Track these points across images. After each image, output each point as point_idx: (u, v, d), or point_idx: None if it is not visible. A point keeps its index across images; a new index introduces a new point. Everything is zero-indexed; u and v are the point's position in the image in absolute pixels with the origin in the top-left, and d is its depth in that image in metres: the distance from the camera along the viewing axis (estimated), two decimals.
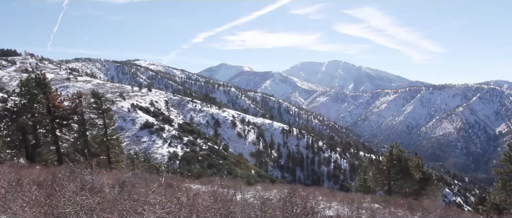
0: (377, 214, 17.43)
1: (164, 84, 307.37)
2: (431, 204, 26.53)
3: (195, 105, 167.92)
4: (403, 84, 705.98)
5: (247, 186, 26.46)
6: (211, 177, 42.85)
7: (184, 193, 8.78)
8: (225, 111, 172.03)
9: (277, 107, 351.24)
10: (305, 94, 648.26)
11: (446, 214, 20.97)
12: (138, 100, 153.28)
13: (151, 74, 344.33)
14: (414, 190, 39.33)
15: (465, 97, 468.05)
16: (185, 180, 19.38)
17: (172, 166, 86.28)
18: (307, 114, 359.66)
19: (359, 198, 24.39)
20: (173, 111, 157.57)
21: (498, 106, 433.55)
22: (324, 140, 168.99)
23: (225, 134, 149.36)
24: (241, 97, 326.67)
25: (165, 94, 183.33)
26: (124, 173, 14.58)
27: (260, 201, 9.00)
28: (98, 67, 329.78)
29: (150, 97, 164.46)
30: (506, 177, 34.26)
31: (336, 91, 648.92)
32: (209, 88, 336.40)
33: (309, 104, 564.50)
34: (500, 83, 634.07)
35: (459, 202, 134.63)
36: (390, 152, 40.59)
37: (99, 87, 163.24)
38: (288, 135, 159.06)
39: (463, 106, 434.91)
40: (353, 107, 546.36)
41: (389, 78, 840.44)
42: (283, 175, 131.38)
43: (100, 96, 34.53)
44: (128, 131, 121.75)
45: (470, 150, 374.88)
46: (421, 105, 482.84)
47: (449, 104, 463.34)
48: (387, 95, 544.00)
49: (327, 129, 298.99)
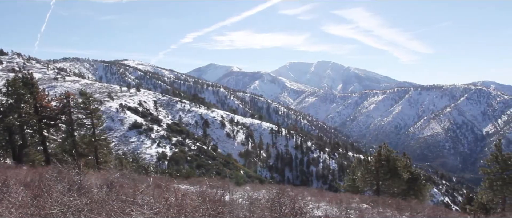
0: (365, 214, 17.49)
1: (152, 85, 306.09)
2: (419, 204, 26.72)
3: (184, 105, 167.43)
4: (392, 84, 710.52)
5: (236, 187, 26.44)
6: (200, 178, 42.74)
7: (172, 194, 8.74)
8: (214, 111, 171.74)
9: (266, 108, 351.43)
10: (294, 94, 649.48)
11: (434, 214, 21.10)
12: (126, 101, 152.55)
13: (139, 74, 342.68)
14: (402, 190, 39.53)
15: (452, 98, 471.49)
16: (173, 180, 19.29)
17: (161, 167, 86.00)
18: (296, 114, 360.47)
19: (347, 198, 24.47)
20: (161, 111, 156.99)
21: (485, 107, 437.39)
22: (313, 140, 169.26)
23: (214, 134, 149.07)
24: (230, 97, 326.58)
25: (154, 94, 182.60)
26: (112, 174, 14.47)
27: (249, 201, 8.99)
28: (86, 67, 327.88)
29: (139, 97, 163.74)
30: (493, 177, 34.57)
31: (325, 92, 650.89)
32: (198, 89, 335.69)
33: (298, 105, 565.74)
34: (487, 84, 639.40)
35: (447, 202, 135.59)
36: (378, 152, 40.75)
37: (87, 87, 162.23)
38: (277, 135, 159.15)
39: (451, 107, 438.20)
40: (341, 107, 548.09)
41: (377, 79, 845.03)
42: (272, 175, 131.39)
43: (88, 96, 34.32)
44: (116, 131, 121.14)
45: (457, 150, 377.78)
46: (409, 105, 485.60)
47: (437, 105, 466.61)
48: (375, 95, 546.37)
49: (316, 129, 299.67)
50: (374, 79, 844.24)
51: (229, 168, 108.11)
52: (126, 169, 18.00)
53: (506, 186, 33.53)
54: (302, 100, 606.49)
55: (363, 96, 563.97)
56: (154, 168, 64.21)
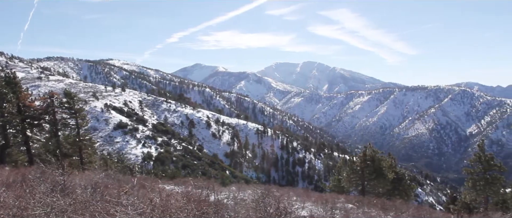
0: (350, 214, 17.55)
1: (138, 84, 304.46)
2: (404, 204, 26.87)
3: (170, 105, 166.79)
4: (377, 85, 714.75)
5: (222, 187, 26.39)
6: (186, 178, 42.63)
7: (157, 194, 8.69)
8: (200, 111, 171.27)
9: (252, 108, 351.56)
10: (280, 95, 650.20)
11: (418, 214, 21.23)
12: (111, 100, 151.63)
13: (125, 74, 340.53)
14: (387, 190, 39.79)
15: (437, 98, 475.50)
16: (157, 180, 19.21)
17: (146, 167, 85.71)
18: (282, 114, 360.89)
19: (333, 198, 24.53)
20: (147, 111, 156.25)
21: (468, 108, 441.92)
22: (298, 141, 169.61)
23: (200, 134, 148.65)
24: (215, 97, 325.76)
25: (139, 94, 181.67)
26: (97, 174, 14.38)
27: (234, 201, 8.97)
28: (71, 67, 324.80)
29: (124, 97, 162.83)
30: (476, 177, 35.00)
31: (310, 92, 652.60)
32: (183, 89, 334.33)
33: (283, 105, 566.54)
34: (470, 85, 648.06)
35: (431, 202, 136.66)
36: (363, 152, 40.96)
37: (71, 86, 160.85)
38: (263, 135, 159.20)
39: (435, 108, 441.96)
40: (327, 108, 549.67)
41: (363, 80, 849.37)
42: (258, 176, 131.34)
43: (72, 96, 34.02)
44: (101, 131, 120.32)
45: (441, 150, 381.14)
46: (394, 106, 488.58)
47: (422, 106, 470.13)
48: (361, 96, 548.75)
49: (301, 130, 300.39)
50: (359, 80, 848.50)
51: (215, 168, 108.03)
52: (111, 170, 17.90)
53: (488, 186, 33.96)
54: (288, 101, 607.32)
55: (348, 97, 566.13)
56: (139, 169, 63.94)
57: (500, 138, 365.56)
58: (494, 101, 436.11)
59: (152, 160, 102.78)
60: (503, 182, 34.92)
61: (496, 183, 34.17)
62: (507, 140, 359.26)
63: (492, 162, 34.64)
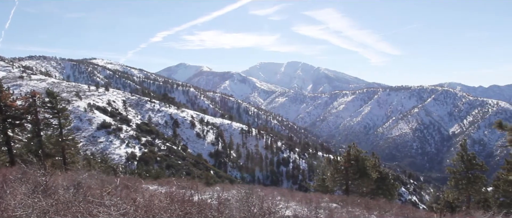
0: (335, 213, 17.59)
1: (121, 84, 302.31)
2: (388, 203, 27.01)
3: (154, 105, 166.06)
4: (361, 85, 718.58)
5: (206, 187, 26.30)
6: (170, 178, 42.44)
7: (140, 194, 8.62)
8: (184, 111, 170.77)
9: (236, 108, 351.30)
10: (264, 94, 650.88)
11: (401, 213, 21.35)
12: (95, 100, 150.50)
13: (108, 73, 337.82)
14: (371, 189, 39.99)
15: (420, 98, 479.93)
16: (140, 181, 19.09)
17: (130, 167, 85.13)
18: (266, 114, 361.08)
19: (317, 197, 24.57)
20: (131, 111, 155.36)
21: (451, 108, 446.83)
22: (283, 140, 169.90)
23: (184, 134, 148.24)
24: (200, 97, 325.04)
25: (123, 94, 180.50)
26: (80, 174, 14.22)
27: (218, 201, 8.93)
28: (53, 66, 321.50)
29: (108, 97, 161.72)
30: (458, 176, 35.37)
31: (295, 92, 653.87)
32: (167, 88, 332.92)
33: (268, 105, 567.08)
34: (453, 85, 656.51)
35: (414, 201, 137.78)
36: (347, 152, 41.10)
37: (54, 86, 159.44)
38: (247, 135, 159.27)
39: (418, 108, 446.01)
40: (311, 108, 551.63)
41: (347, 80, 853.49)
42: (242, 175, 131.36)
43: (55, 96, 33.65)
44: (84, 131, 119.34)
45: (425, 150, 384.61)
46: (378, 106, 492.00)
47: (405, 106, 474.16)
48: (345, 96, 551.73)
49: (286, 129, 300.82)
50: (343, 80, 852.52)
51: (199, 168, 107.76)
52: (94, 170, 17.73)
53: (471, 185, 34.33)
54: (272, 101, 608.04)
55: (333, 96, 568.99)
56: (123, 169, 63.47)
57: (482, 138, 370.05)
58: (476, 102, 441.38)
59: (136, 160, 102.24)
60: (485, 181, 35.32)
61: (478, 182, 34.56)
62: (489, 139, 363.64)
63: (474, 161, 35.03)
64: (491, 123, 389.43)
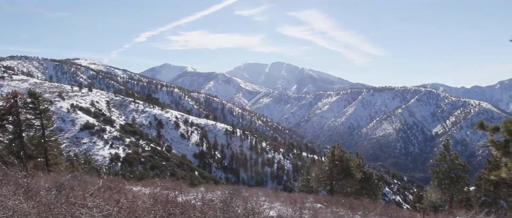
0: (319, 213, 17.64)
1: (105, 84, 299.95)
2: (372, 203, 27.18)
3: (138, 106, 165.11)
4: (345, 86, 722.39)
5: (190, 188, 26.22)
6: (154, 179, 42.25)
7: (123, 195, 8.55)
8: (168, 111, 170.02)
9: (221, 108, 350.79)
10: (249, 95, 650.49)
11: (385, 213, 21.50)
12: (78, 101, 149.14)
13: (92, 74, 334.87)
14: (355, 189, 40.22)
15: (404, 99, 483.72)
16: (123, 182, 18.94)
17: (114, 168, 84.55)
18: (251, 115, 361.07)
19: (302, 198, 24.63)
20: (114, 112, 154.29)
21: (434, 108, 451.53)
22: (267, 141, 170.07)
23: (168, 135, 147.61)
24: (184, 98, 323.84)
25: (107, 94, 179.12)
26: (62, 176, 14.06)
27: (202, 202, 8.89)
28: (36, 66, 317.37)
29: (91, 97, 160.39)
30: (441, 176, 35.76)
31: (279, 93, 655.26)
32: (152, 89, 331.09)
33: (252, 106, 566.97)
34: (436, 86, 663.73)
35: (398, 201, 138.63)
36: (332, 152, 41.30)
37: (36, 86, 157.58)
38: (232, 136, 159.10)
39: (402, 108, 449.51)
40: (296, 108, 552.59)
41: (331, 80, 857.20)
42: (227, 176, 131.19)
43: (37, 96, 33.27)
44: (67, 132, 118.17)
45: (408, 150, 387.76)
46: (362, 106, 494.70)
47: (389, 106, 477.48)
48: (329, 96, 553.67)
49: (270, 130, 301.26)
50: (328, 80, 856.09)
51: (184, 169, 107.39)
52: (78, 171, 17.57)
53: (453, 184, 34.73)
54: (256, 101, 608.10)
55: (317, 97, 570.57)
56: (107, 170, 63.05)
57: (464, 138, 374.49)
58: (459, 102, 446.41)
59: (120, 161, 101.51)
60: (467, 181, 35.78)
61: (461, 182, 34.98)
62: (471, 139, 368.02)
63: (456, 161, 35.45)
64: (473, 123, 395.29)
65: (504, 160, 10.85)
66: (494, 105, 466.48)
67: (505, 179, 16.90)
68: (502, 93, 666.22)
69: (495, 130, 10.64)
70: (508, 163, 10.90)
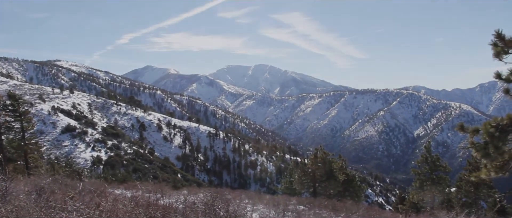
0: (302, 215, 17.66)
1: (87, 86, 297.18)
2: (354, 205, 27.28)
3: (120, 108, 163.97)
4: (328, 88, 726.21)
5: (173, 190, 26.08)
6: (137, 182, 41.92)
7: (104, 199, 8.45)
8: (151, 114, 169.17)
9: (204, 111, 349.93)
10: (232, 97, 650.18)
11: (368, 214, 21.60)
12: (59, 103, 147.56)
13: (73, 75, 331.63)
14: (338, 191, 40.34)
15: (386, 101, 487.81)
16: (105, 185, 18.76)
17: (96, 171, 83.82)
18: (234, 117, 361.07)
19: (285, 200, 24.63)
20: (96, 114, 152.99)
21: (416, 111, 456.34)
22: (250, 143, 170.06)
23: (151, 137, 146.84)
24: (167, 100, 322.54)
25: (88, 96, 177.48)
26: (43, 179, 13.86)
27: (184, 205, 8.84)
28: (15, 68, 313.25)
29: (72, 99, 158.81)
30: (423, 177, 36.10)
31: (262, 95, 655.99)
32: (134, 91, 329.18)
33: (235, 108, 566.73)
34: (418, 88, 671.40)
35: (380, 202, 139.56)
36: (315, 154, 41.38)
37: (16, 88, 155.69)
38: (215, 138, 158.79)
39: (384, 111, 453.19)
40: (279, 111, 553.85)
41: (314, 83, 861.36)
42: (210, 179, 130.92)
43: (17, 98, 32.84)
44: (48, 134, 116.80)
45: (390, 152, 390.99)
46: (345, 109, 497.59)
47: (371, 109, 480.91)
48: (312, 99, 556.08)
49: (253, 132, 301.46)
50: (310, 83, 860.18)
51: (167, 172, 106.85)
52: (59, 174, 17.37)
53: (435, 186, 35.07)
54: (239, 104, 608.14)
55: (300, 99, 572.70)
56: (89, 173, 62.46)
57: (445, 140, 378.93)
58: (440, 104, 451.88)
59: (102, 164, 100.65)
60: (448, 182, 36.17)
61: (442, 183, 35.35)
62: (452, 141, 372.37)
63: (438, 162, 35.80)
64: (454, 125, 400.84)
65: (483, 161, 10.97)
66: (474, 107, 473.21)
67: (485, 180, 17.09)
68: (482, 95, 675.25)
69: (475, 132, 10.75)
70: (487, 165, 11.03)
